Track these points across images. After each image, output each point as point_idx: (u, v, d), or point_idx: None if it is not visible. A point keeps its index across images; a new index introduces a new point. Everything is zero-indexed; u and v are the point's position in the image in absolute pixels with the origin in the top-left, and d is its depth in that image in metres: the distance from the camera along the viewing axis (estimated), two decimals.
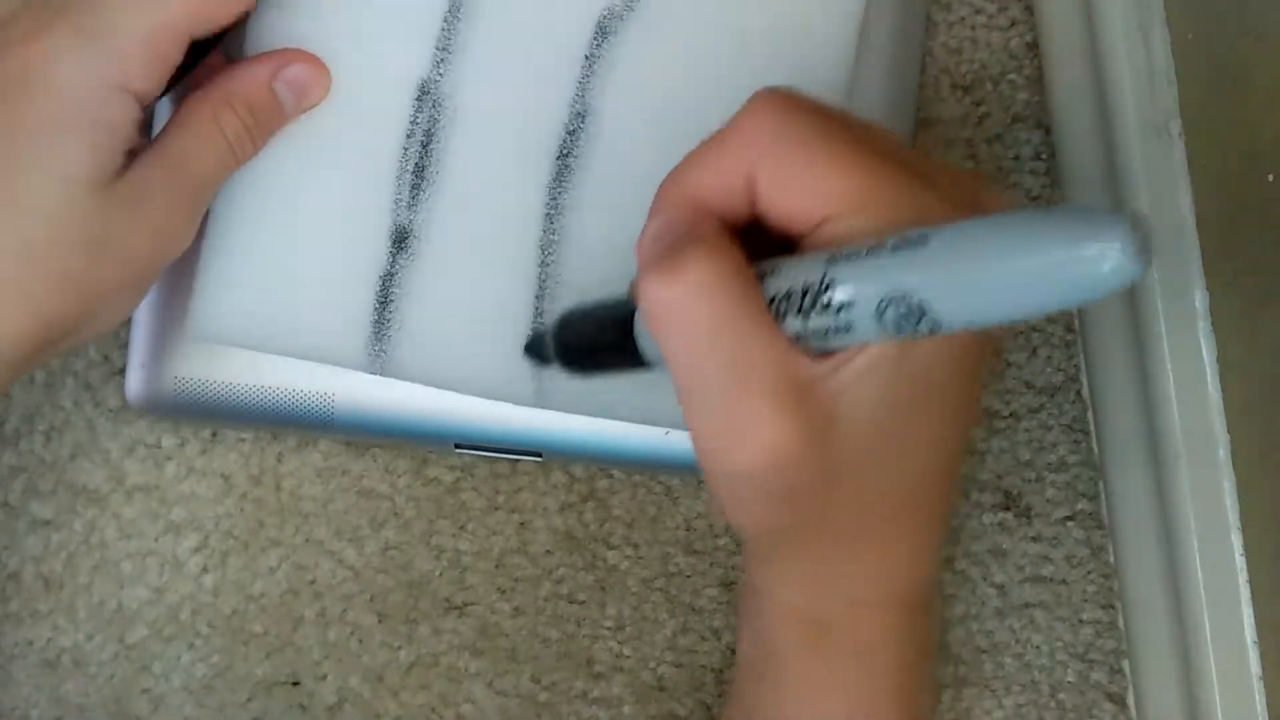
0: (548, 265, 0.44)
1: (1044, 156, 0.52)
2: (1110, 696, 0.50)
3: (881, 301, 0.31)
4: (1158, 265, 0.46)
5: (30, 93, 0.39)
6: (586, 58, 0.43)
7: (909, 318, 0.31)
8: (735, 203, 0.35)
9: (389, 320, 0.44)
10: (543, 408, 0.44)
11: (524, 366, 0.44)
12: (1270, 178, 0.40)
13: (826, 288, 0.32)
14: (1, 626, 0.49)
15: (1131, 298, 0.47)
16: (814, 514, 0.37)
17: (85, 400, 0.49)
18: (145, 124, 0.41)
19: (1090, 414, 0.51)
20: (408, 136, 0.43)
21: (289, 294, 0.44)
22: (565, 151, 0.44)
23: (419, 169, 0.43)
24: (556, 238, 0.44)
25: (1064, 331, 0.51)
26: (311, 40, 0.43)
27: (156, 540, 0.49)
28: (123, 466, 0.49)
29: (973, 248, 0.30)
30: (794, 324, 0.33)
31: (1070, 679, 0.50)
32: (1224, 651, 0.45)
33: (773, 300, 0.33)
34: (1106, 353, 0.49)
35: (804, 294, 0.33)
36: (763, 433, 0.34)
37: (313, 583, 0.50)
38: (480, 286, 0.44)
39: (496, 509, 0.50)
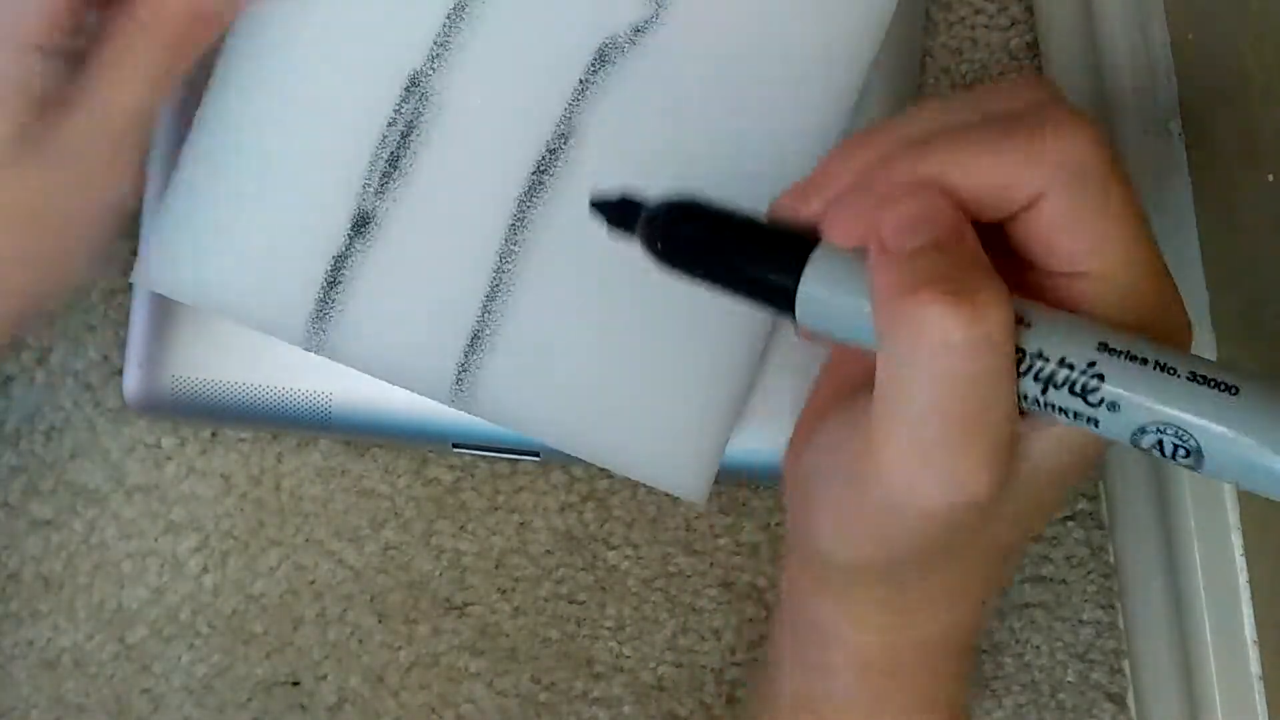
0: (503, 274, 0.43)
1: None
2: (1110, 696, 0.50)
3: (1156, 425, 0.30)
4: None
5: None
6: (581, 81, 0.43)
7: (1175, 452, 0.30)
8: (992, 210, 0.32)
9: (334, 301, 0.43)
10: (457, 409, 0.44)
11: (451, 365, 0.43)
12: (1270, 178, 0.40)
13: (1096, 379, 0.30)
14: (1, 626, 0.49)
15: None
16: (921, 569, 0.36)
17: (85, 400, 0.49)
18: (72, 67, 0.39)
19: None
20: (389, 125, 0.43)
21: (242, 258, 0.43)
22: (542, 168, 0.44)
23: (394, 158, 0.43)
24: (517, 249, 0.43)
25: None
26: (310, 16, 0.43)
27: (156, 540, 0.49)
28: (123, 466, 0.49)
29: None
30: (1031, 387, 0.31)
31: (1070, 679, 0.50)
32: (1224, 651, 0.44)
33: (1020, 354, 0.31)
34: None
35: (1063, 366, 0.31)
36: (968, 482, 0.32)
37: (313, 583, 0.50)
38: (431, 283, 0.44)
39: (496, 509, 0.50)
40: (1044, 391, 0.31)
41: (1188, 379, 0.30)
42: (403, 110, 0.43)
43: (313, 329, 0.43)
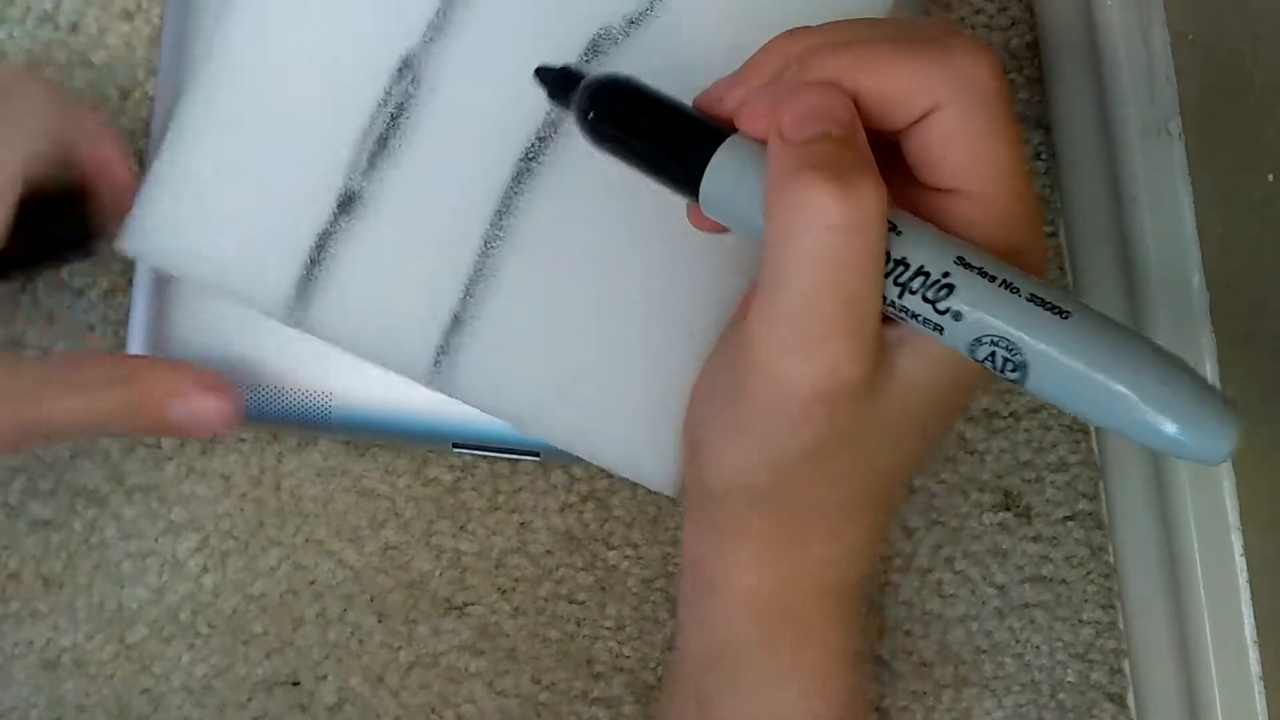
0: (486, 259, 0.44)
1: (1044, 156, 0.52)
2: (1110, 696, 0.50)
3: (990, 337, 0.33)
4: (1158, 265, 0.46)
5: None
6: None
7: (1004, 365, 0.33)
8: (891, 116, 0.35)
9: (316, 278, 0.43)
10: (434, 390, 0.44)
11: (430, 346, 0.44)
12: (1270, 178, 0.40)
13: (947, 288, 0.33)
14: (1, 626, 0.49)
15: (1132, 298, 0.47)
16: (808, 477, 0.37)
17: None
18: None
19: None
20: (379, 105, 0.43)
21: (227, 230, 0.43)
22: (531, 155, 0.44)
23: (382, 139, 0.43)
24: (501, 235, 0.44)
25: None
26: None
27: (156, 540, 0.49)
28: (123, 466, 0.49)
29: (1110, 361, 0.32)
30: (891, 290, 0.34)
31: (1070, 679, 0.50)
32: (1224, 651, 0.45)
33: (885, 257, 0.34)
34: None
35: (920, 274, 0.33)
36: (841, 364, 0.34)
37: (313, 583, 0.50)
38: (415, 264, 0.44)
39: (496, 509, 0.50)
40: (900, 296, 0.33)
41: (1027, 299, 0.32)
42: (394, 92, 0.43)
43: (294, 305, 0.43)
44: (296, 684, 0.49)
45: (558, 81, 0.40)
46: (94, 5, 0.50)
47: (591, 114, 0.38)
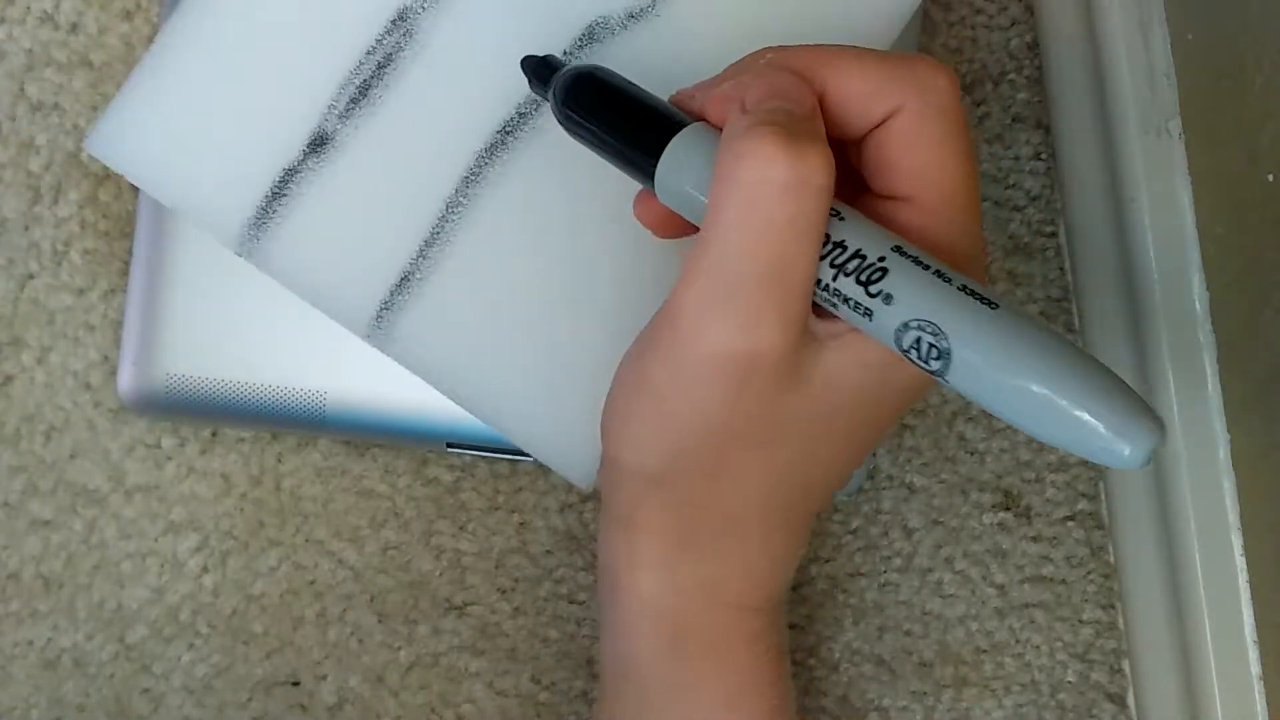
0: (445, 224, 0.44)
1: (1044, 156, 0.52)
2: (1110, 696, 0.50)
3: (917, 322, 0.32)
4: (1158, 265, 0.46)
5: None
6: (565, 53, 0.43)
7: (928, 353, 0.32)
8: (852, 118, 0.35)
9: (274, 212, 0.43)
10: (371, 344, 0.44)
11: (375, 300, 0.43)
12: (1270, 178, 0.40)
13: (881, 271, 0.33)
14: (1, 626, 0.49)
15: (1132, 298, 0.47)
16: (709, 467, 0.36)
17: (85, 400, 0.49)
18: None
19: None
20: (367, 53, 0.43)
21: (195, 147, 0.43)
22: (508, 129, 0.44)
23: (364, 86, 0.43)
24: (465, 201, 0.44)
25: (1064, 332, 0.51)
26: None
27: (156, 540, 0.49)
28: (123, 466, 0.49)
29: (1033, 355, 0.31)
30: (826, 272, 0.34)
31: (1070, 679, 0.50)
32: (1224, 651, 0.45)
33: (825, 239, 0.34)
34: (1106, 353, 0.49)
35: (856, 257, 0.33)
36: (759, 328, 0.33)
37: (313, 583, 0.50)
38: (374, 216, 0.44)
39: (496, 509, 0.50)
40: (834, 278, 0.33)
41: (958, 289, 0.32)
42: (384, 42, 0.43)
43: (248, 234, 0.43)
44: (296, 684, 0.49)
45: (538, 70, 0.41)
46: (94, 5, 0.50)
47: (564, 101, 0.39)
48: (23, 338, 0.49)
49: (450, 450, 0.48)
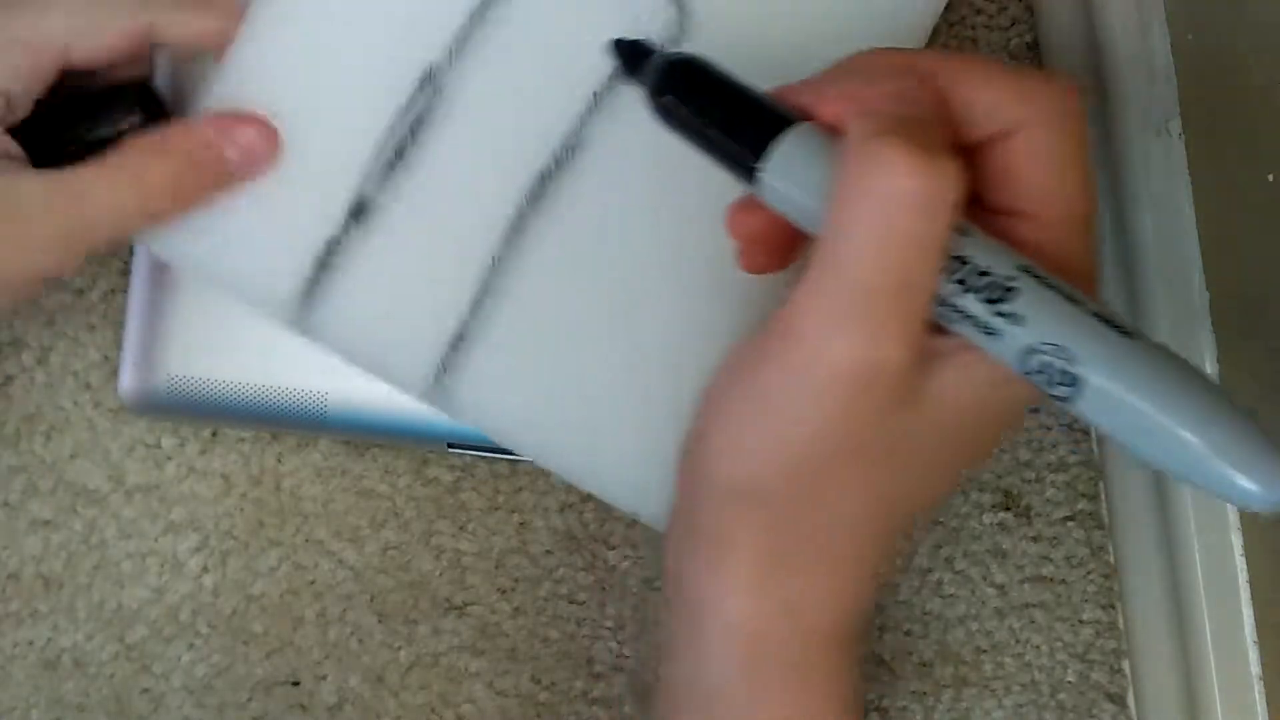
0: (495, 278, 0.43)
1: None
2: (1110, 696, 0.50)
3: (1048, 346, 0.31)
4: (1158, 266, 0.46)
5: None
6: (595, 94, 0.43)
7: (1054, 378, 0.31)
8: (974, 125, 0.34)
9: (323, 284, 0.43)
10: (433, 407, 0.44)
11: (432, 362, 0.43)
12: (1270, 178, 0.39)
13: (1009, 290, 0.32)
14: (1, 626, 0.49)
15: (1132, 298, 0.47)
16: (819, 481, 0.35)
17: (85, 400, 0.49)
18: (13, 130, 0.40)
19: None
20: (399, 115, 0.43)
21: (237, 230, 0.43)
22: (547, 177, 0.43)
23: (400, 149, 0.43)
24: (512, 255, 0.43)
25: None
26: (333, 2, 0.43)
27: (156, 540, 0.49)
28: (123, 466, 0.49)
29: (1176, 394, 0.31)
30: (948, 288, 0.33)
31: (1070, 679, 0.50)
32: (1224, 651, 0.44)
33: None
34: None
35: (982, 274, 0.32)
36: (881, 343, 0.33)
37: (313, 583, 0.50)
38: (423, 278, 0.43)
39: (496, 509, 0.50)
40: (955, 294, 0.32)
41: (1091, 314, 0.31)
42: (416, 103, 0.43)
43: (299, 310, 0.43)
44: (296, 684, 0.49)
45: (631, 56, 0.39)
46: None
47: (660, 89, 0.37)
48: (23, 338, 0.49)
49: (451, 450, 0.48)
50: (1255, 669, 0.43)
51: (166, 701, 0.49)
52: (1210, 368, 0.44)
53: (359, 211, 0.43)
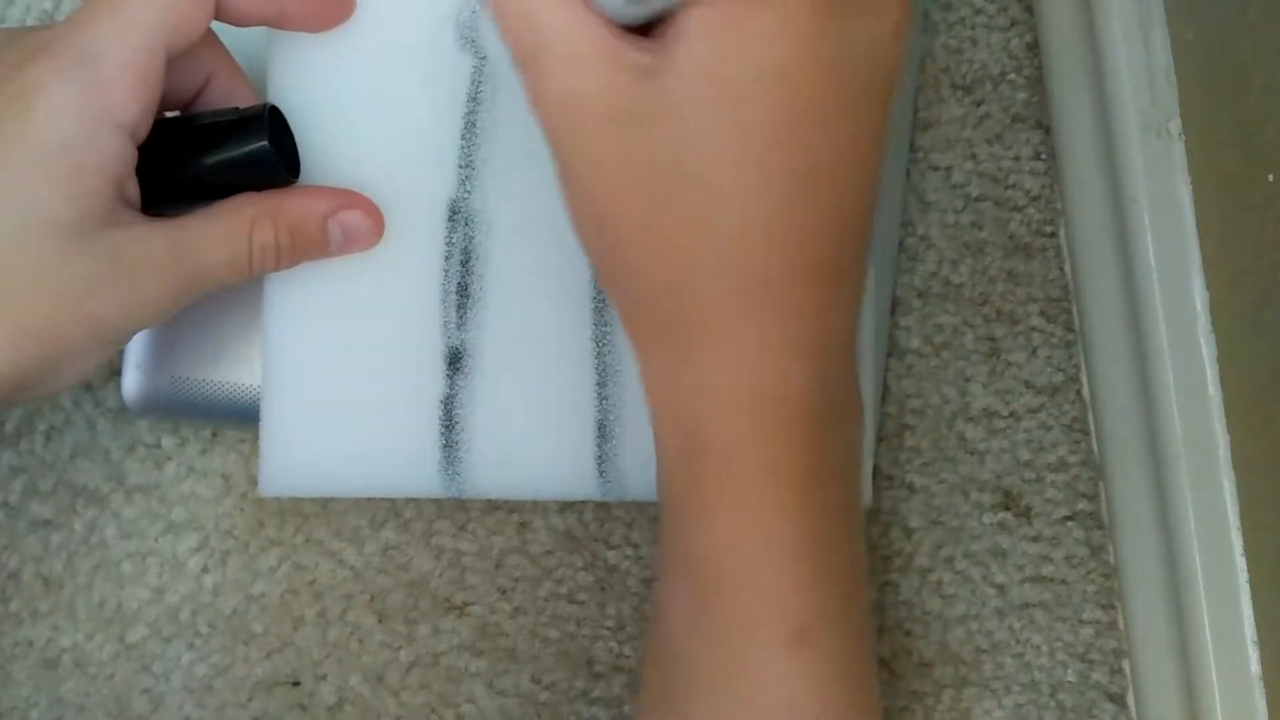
0: (605, 356, 0.44)
1: (1044, 156, 0.52)
2: (1110, 696, 0.50)
3: None
4: (1158, 265, 0.46)
5: (9, 131, 0.37)
6: None
7: None
8: None
9: (457, 442, 0.44)
10: (612, 499, 0.45)
11: (589, 461, 0.44)
12: (1270, 178, 0.40)
13: None
14: (1, 626, 0.49)
15: (1132, 297, 0.47)
16: (629, 240, 0.34)
17: (85, 400, 0.49)
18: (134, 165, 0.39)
19: (1090, 414, 0.51)
20: (446, 258, 0.43)
21: (354, 435, 0.44)
22: None
23: (463, 287, 0.43)
24: (609, 328, 0.44)
25: (1064, 331, 0.51)
26: (361, 164, 0.43)
27: (156, 540, 0.49)
28: (123, 466, 0.49)
29: None
30: None
31: (1070, 679, 0.50)
32: (1224, 651, 0.45)
33: None
34: (1106, 353, 0.49)
35: None
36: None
37: (313, 583, 0.50)
38: (542, 391, 0.44)
39: (496, 509, 0.50)
40: None
41: None
42: (454, 240, 0.43)
43: (447, 475, 0.44)
44: (296, 684, 0.49)
45: None
46: None
47: None
48: None
49: None
50: (1255, 669, 0.43)
51: (166, 701, 0.49)
52: (1210, 368, 0.44)
53: (455, 361, 0.44)
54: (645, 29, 0.34)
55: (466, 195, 0.43)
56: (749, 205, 0.32)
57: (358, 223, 0.42)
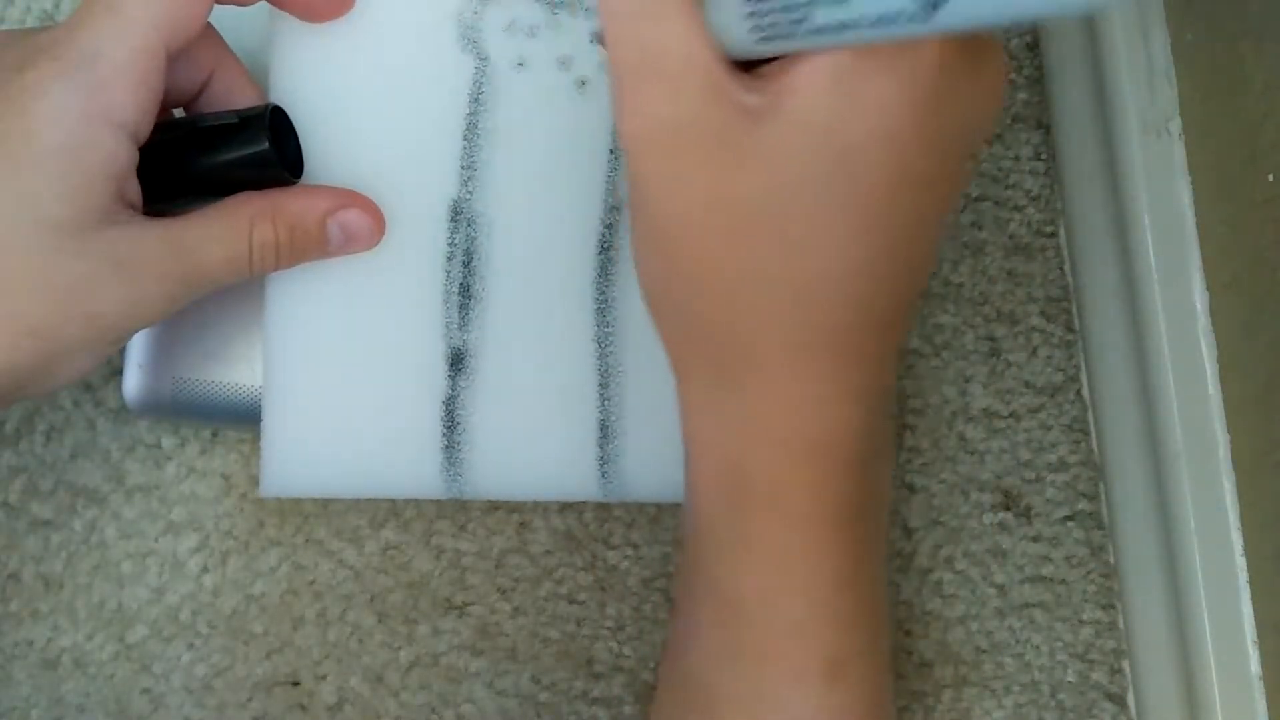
0: (607, 358, 0.44)
1: (1044, 156, 0.52)
2: (1110, 696, 0.50)
3: None
4: (1158, 265, 0.46)
5: (9, 131, 0.37)
6: (612, 153, 0.43)
7: (918, 5, 0.28)
8: None
9: (459, 443, 0.44)
10: (613, 500, 0.45)
11: (591, 462, 0.44)
12: (1270, 178, 0.40)
13: None
14: (1, 626, 0.49)
15: (1132, 297, 0.47)
16: (698, 282, 0.33)
17: (85, 400, 0.49)
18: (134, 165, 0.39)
19: (1090, 414, 0.51)
20: (448, 259, 0.43)
21: (356, 436, 0.44)
22: (606, 245, 0.44)
23: (465, 289, 0.44)
24: (611, 330, 0.44)
25: (1064, 331, 0.51)
26: (362, 164, 0.43)
27: (156, 540, 0.49)
28: (123, 466, 0.49)
29: None
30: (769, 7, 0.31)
31: (1070, 679, 0.50)
32: (1224, 651, 0.45)
33: None
34: (1106, 353, 0.49)
35: None
36: (676, 102, 0.32)
37: (313, 583, 0.50)
38: (544, 392, 0.44)
39: (496, 509, 0.50)
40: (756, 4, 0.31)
41: None
42: (456, 241, 0.43)
43: (448, 476, 0.44)
44: (296, 684, 0.49)
45: None
46: None
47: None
48: None
49: None
50: (1255, 669, 0.43)
51: (166, 701, 0.49)
52: (1210, 368, 0.44)
53: (457, 361, 0.44)
54: (748, 63, 0.33)
55: (468, 196, 0.43)
56: (830, 261, 0.32)
57: (358, 222, 0.42)
